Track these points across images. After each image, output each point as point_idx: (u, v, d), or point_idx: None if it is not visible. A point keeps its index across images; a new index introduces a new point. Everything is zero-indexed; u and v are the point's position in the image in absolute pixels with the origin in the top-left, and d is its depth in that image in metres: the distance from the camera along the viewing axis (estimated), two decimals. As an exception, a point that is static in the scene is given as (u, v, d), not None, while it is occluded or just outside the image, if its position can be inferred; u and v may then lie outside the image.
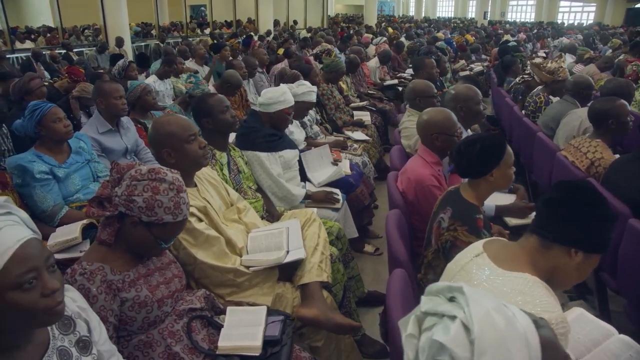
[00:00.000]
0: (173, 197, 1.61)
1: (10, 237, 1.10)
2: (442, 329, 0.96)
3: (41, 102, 2.88)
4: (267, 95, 3.28)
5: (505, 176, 2.19)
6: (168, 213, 1.61)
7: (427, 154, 2.78)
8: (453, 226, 2.14)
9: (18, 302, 1.09)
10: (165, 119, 2.19)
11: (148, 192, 1.58)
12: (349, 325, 2.21)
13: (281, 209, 3.05)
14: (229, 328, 1.85)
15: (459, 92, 3.26)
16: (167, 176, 1.63)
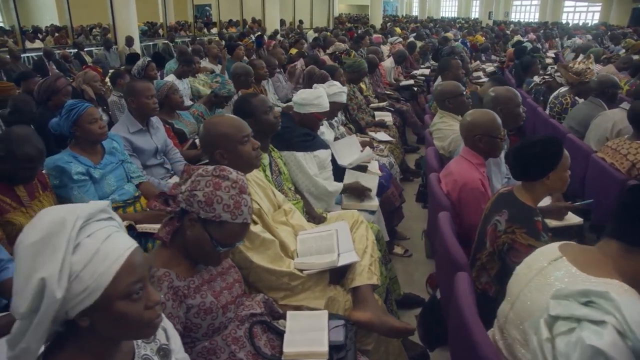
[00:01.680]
0: (234, 196, 1.54)
1: (120, 245, 1.06)
2: (592, 333, 0.93)
3: (78, 101, 2.84)
4: (301, 96, 3.25)
5: (562, 179, 2.17)
6: (227, 211, 1.53)
7: (471, 155, 2.75)
8: (511, 229, 2.11)
9: (126, 312, 1.06)
10: (218, 119, 2.15)
11: (209, 187, 1.53)
12: (404, 328, 2.18)
13: (320, 210, 3.02)
14: (292, 333, 1.82)
15: (498, 94, 3.22)
16: (231, 174, 1.58)
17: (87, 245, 1.03)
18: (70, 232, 1.01)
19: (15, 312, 1.00)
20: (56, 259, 0.98)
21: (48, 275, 0.97)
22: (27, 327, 0.99)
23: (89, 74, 4.92)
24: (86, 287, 1.00)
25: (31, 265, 0.98)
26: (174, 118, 3.95)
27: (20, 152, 2.29)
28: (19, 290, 0.99)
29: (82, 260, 1.01)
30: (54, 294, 0.97)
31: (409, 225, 4.54)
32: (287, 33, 14.94)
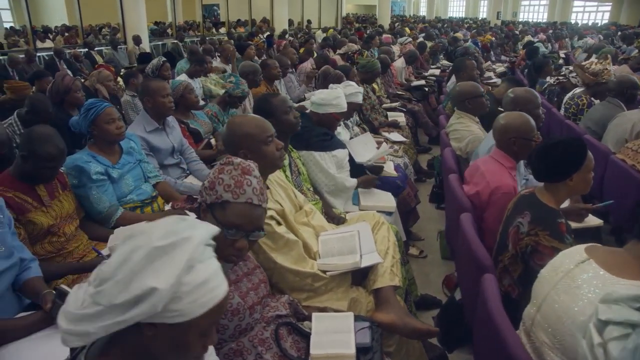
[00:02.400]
0: (235, 176, 1.51)
1: (223, 284, 1.07)
2: None
3: (97, 101, 2.84)
4: (320, 96, 3.24)
5: (585, 180, 2.16)
6: (227, 190, 1.48)
7: (504, 158, 2.72)
8: (534, 231, 2.09)
9: (191, 344, 1.06)
10: (242, 119, 2.13)
11: (214, 173, 1.53)
12: (427, 330, 2.17)
13: (337, 210, 3.00)
14: (318, 335, 1.80)
15: (518, 96, 3.20)
16: (236, 160, 1.57)
17: (200, 271, 1.02)
18: (192, 252, 1.02)
19: (105, 296, 0.98)
20: (173, 273, 0.98)
21: (161, 287, 0.96)
22: (104, 316, 0.98)
23: (103, 73, 4.94)
24: (180, 310, 1.00)
25: (146, 267, 0.98)
26: (189, 118, 3.94)
27: (42, 152, 2.29)
28: (123, 282, 0.98)
29: (191, 284, 1.00)
30: (156, 306, 0.97)
31: (423, 226, 4.52)
32: (295, 33, 14.93)
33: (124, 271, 0.98)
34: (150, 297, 0.96)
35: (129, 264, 0.98)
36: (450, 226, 3.13)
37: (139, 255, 0.99)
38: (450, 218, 3.14)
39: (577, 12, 33.28)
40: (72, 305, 1.02)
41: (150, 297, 0.96)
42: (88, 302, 1.00)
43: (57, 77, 4.40)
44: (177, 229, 1.04)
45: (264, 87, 5.24)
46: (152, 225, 1.05)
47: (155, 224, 1.06)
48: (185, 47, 12.76)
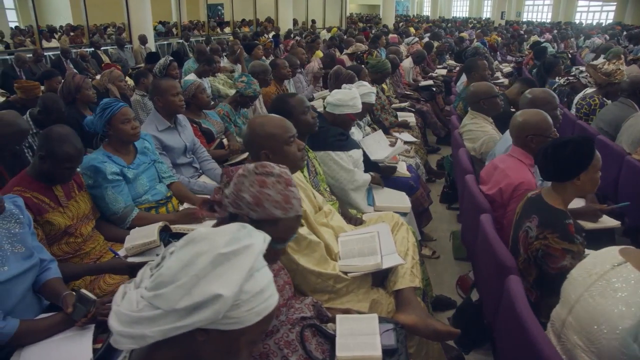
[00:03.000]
0: (281, 190, 1.47)
1: (276, 294, 1.06)
2: None
3: (113, 100, 2.82)
4: (337, 97, 3.23)
5: (593, 180, 2.15)
6: (277, 207, 1.46)
7: (523, 155, 2.71)
8: (542, 234, 2.09)
9: (241, 352, 1.06)
10: (264, 119, 2.11)
11: (255, 186, 1.45)
12: (448, 331, 2.15)
13: (353, 211, 2.99)
14: (343, 337, 1.79)
15: (536, 97, 3.18)
16: (274, 169, 1.51)
17: (258, 279, 1.02)
18: (254, 260, 1.01)
19: (165, 300, 0.97)
20: (236, 281, 0.97)
21: (226, 295, 0.95)
22: (162, 320, 0.97)
23: (115, 73, 4.93)
24: (237, 317, 0.99)
25: (211, 273, 0.97)
26: (201, 117, 3.93)
27: (60, 152, 2.27)
28: (186, 286, 0.96)
29: (250, 292, 0.99)
30: (219, 313, 0.96)
31: (435, 227, 4.50)
32: (300, 32, 14.91)
33: (187, 275, 0.97)
34: (214, 303, 0.95)
35: (193, 269, 0.97)
36: (467, 227, 3.11)
37: (204, 260, 0.98)
38: (466, 219, 3.12)
39: (582, 12, 33.22)
40: (125, 306, 1.01)
41: (214, 304, 0.95)
42: (144, 305, 0.99)
43: (68, 76, 4.39)
44: (238, 236, 1.03)
45: (274, 86, 5.22)
46: (215, 231, 1.04)
47: (217, 230, 1.05)
48: (191, 47, 12.77)
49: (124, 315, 1.00)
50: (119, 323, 1.00)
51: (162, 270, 1.01)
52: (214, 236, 1.03)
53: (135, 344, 0.99)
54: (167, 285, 0.98)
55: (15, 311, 1.89)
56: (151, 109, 4.91)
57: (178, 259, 1.01)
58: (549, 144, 2.22)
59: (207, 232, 1.05)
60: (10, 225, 1.99)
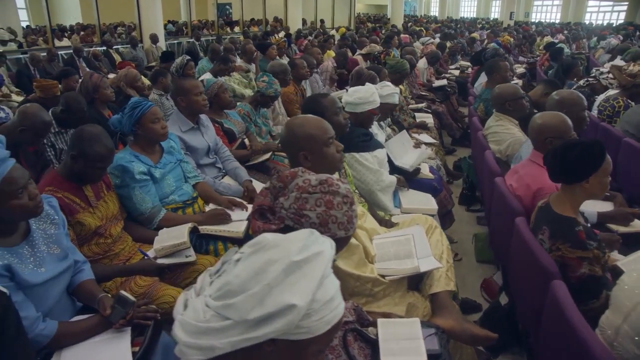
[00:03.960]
0: (347, 212, 1.46)
1: (342, 303, 1.02)
2: None
3: (142, 100, 2.81)
4: (357, 95, 3.20)
5: (602, 184, 2.13)
6: (341, 229, 1.45)
7: (542, 159, 2.68)
8: (555, 246, 2.08)
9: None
10: (302, 120, 2.08)
11: (321, 206, 1.43)
12: (485, 335, 2.12)
13: (381, 214, 2.96)
14: (387, 342, 1.75)
15: (564, 98, 3.14)
16: (340, 188, 1.47)
17: (328, 287, 0.99)
18: (325, 268, 0.99)
19: (236, 311, 0.94)
20: (309, 290, 0.94)
21: (300, 304, 0.92)
22: (232, 330, 0.94)
23: (130, 73, 4.89)
24: (307, 327, 0.96)
25: (283, 282, 0.95)
26: (223, 117, 3.90)
27: (92, 151, 2.25)
28: (258, 296, 0.94)
29: (321, 300, 0.96)
30: (292, 323, 0.93)
31: (455, 229, 4.46)
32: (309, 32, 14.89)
33: (258, 285, 0.94)
34: (287, 314, 0.92)
35: (265, 277, 0.94)
36: (497, 230, 3.07)
37: (276, 268, 0.95)
38: (496, 222, 3.08)
39: (592, 12, 33.01)
40: (190, 316, 0.98)
41: (287, 314, 0.92)
42: (211, 315, 0.96)
43: (85, 76, 4.38)
44: (309, 243, 1.00)
45: (292, 86, 5.20)
46: (285, 239, 1.01)
47: (287, 237, 1.02)
48: (202, 46, 12.77)
49: (190, 326, 0.97)
50: (185, 333, 0.97)
51: (229, 278, 0.98)
52: (285, 243, 1.00)
53: (203, 356, 0.96)
54: (237, 294, 0.95)
55: (52, 313, 1.87)
56: (169, 108, 4.91)
57: (247, 267, 0.98)
58: (559, 145, 2.19)
59: (277, 239, 1.02)
60: (46, 226, 1.98)
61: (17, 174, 1.72)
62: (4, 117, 4.37)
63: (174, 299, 2.24)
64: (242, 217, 2.91)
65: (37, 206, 1.81)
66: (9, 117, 4.40)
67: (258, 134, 4.21)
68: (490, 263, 3.83)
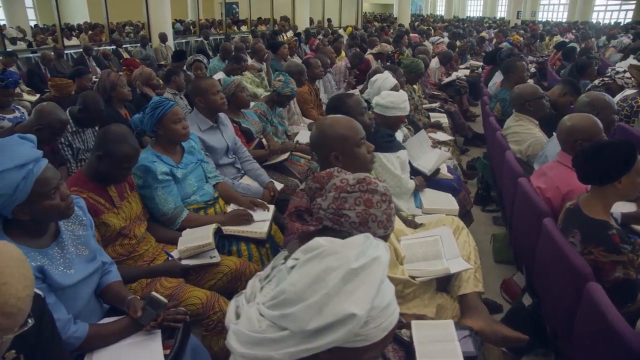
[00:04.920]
0: (386, 210, 1.44)
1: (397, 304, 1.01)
2: None
3: (163, 99, 2.79)
4: (389, 99, 3.18)
5: (634, 184, 2.10)
6: (381, 227, 1.43)
7: (570, 161, 2.65)
8: (587, 249, 2.05)
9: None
10: (333, 120, 2.06)
11: (360, 205, 1.40)
12: (516, 337, 2.10)
13: (404, 214, 2.94)
14: (422, 344, 1.74)
15: (594, 99, 3.10)
16: (378, 187, 1.45)
17: (385, 293, 0.97)
18: (382, 273, 0.97)
19: (294, 321, 0.92)
20: (369, 297, 0.92)
21: (360, 314, 0.90)
22: (290, 341, 0.93)
23: (145, 71, 4.86)
24: (365, 335, 0.94)
25: (342, 290, 0.92)
26: (240, 117, 3.88)
27: (118, 152, 2.24)
28: (316, 306, 0.91)
29: (378, 307, 0.94)
30: (352, 333, 0.91)
31: (471, 229, 4.40)
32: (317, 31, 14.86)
33: (317, 294, 0.92)
34: (347, 323, 0.90)
35: (323, 286, 0.92)
36: (521, 231, 3.04)
37: (335, 276, 0.92)
38: (519, 223, 3.05)
39: (599, 11, 32.81)
40: (245, 325, 0.96)
41: (347, 324, 0.90)
42: (267, 325, 0.94)
43: (102, 74, 4.38)
44: (365, 248, 0.98)
45: (307, 86, 5.18)
46: (342, 245, 0.99)
47: (343, 243, 1.00)
48: (210, 45, 12.76)
49: (245, 336, 0.95)
50: (240, 344, 0.96)
51: (284, 287, 0.96)
52: (344, 250, 0.97)
53: None
54: (294, 304, 0.93)
55: (81, 315, 1.86)
56: (183, 107, 4.90)
57: (304, 275, 0.95)
58: (589, 146, 2.17)
59: (334, 245, 0.99)
60: (75, 227, 1.96)
61: (50, 175, 1.71)
62: (19, 117, 4.37)
63: (201, 300, 2.23)
64: (265, 217, 2.90)
65: (68, 207, 1.79)
66: (24, 116, 4.41)
67: (274, 134, 4.19)
68: (509, 263, 3.80)
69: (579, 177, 2.21)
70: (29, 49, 11.16)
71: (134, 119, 2.84)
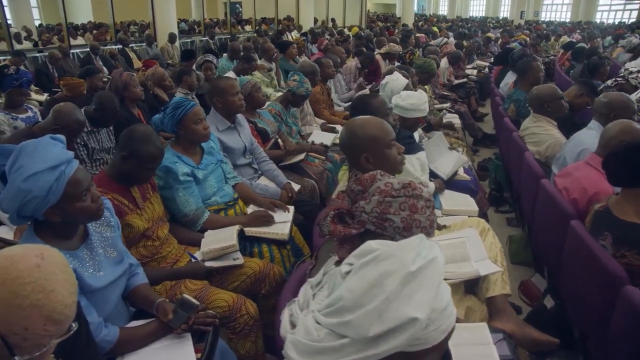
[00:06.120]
0: (429, 216, 1.42)
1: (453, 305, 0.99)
2: None
3: (184, 99, 2.76)
4: (410, 101, 3.16)
5: None
6: (424, 233, 1.40)
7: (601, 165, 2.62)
8: (620, 253, 2.03)
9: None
10: (363, 121, 2.03)
11: (405, 210, 1.38)
12: (546, 340, 2.09)
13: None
14: (457, 347, 1.71)
15: (613, 100, 3.08)
16: (422, 192, 1.43)
17: (443, 294, 0.95)
18: (439, 276, 0.94)
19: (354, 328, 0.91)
20: (428, 300, 0.91)
21: (421, 317, 0.89)
22: (351, 348, 0.91)
23: (158, 72, 4.83)
24: (424, 338, 0.92)
25: (401, 294, 0.90)
26: (256, 117, 3.86)
27: (144, 152, 2.22)
28: (376, 311, 0.90)
29: (437, 309, 0.92)
30: (413, 337, 0.89)
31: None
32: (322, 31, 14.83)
33: (376, 299, 0.90)
34: (408, 328, 0.88)
35: (382, 291, 0.90)
36: (542, 233, 3.02)
37: (393, 281, 0.90)
38: (542, 225, 3.03)
39: (602, 10, 32.71)
40: (302, 334, 0.95)
41: (408, 329, 0.88)
42: (325, 333, 0.92)
43: (115, 74, 4.36)
44: (421, 250, 0.96)
45: (319, 86, 5.16)
46: (398, 247, 0.97)
47: (399, 245, 0.98)
48: (215, 44, 12.74)
49: (304, 345, 0.94)
50: (299, 354, 0.94)
51: (341, 293, 0.94)
52: (400, 252, 0.95)
53: None
54: (353, 310, 0.91)
55: (109, 318, 1.83)
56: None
57: (361, 280, 0.93)
58: (621, 147, 2.14)
59: (390, 248, 0.97)
60: (103, 228, 1.94)
61: (81, 176, 1.69)
62: (32, 116, 4.36)
63: (227, 303, 2.20)
64: (285, 218, 2.88)
65: (99, 209, 1.77)
66: (36, 116, 4.39)
67: (288, 134, 4.17)
68: (526, 265, 3.78)
69: (609, 179, 2.18)
70: (35, 48, 11.14)
71: (154, 119, 2.82)
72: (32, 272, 1.09)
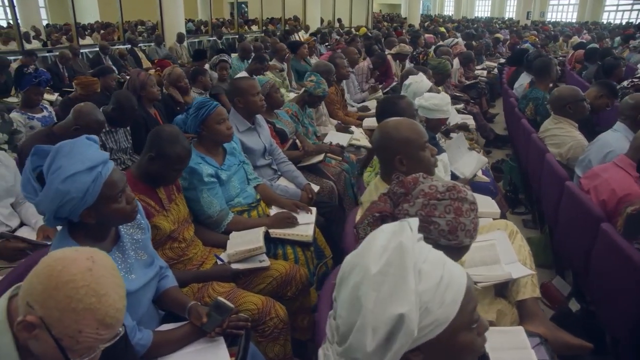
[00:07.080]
0: (474, 219, 1.41)
1: (456, 271, 0.96)
2: None
3: (207, 100, 2.74)
4: (433, 102, 3.14)
5: None
6: (468, 236, 1.40)
7: (630, 167, 2.57)
8: None
9: (467, 343, 0.95)
10: (397, 123, 2.01)
11: (450, 213, 1.38)
12: (580, 345, 2.06)
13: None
14: (495, 351, 1.68)
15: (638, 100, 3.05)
16: (467, 195, 1.42)
17: (428, 272, 0.92)
18: (413, 257, 0.92)
19: (356, 350, 0.91)
20: (408, 290, 0.89)
21: (407, 310, 0.87)
22: None
23: (175, 73, 4.80)
24: (435, 320, 0.90)
25: (379, 299, 0.90)
26: (274, 117, 3.84)
27: (172, 152, 2.20)
28: (365, 327, 0.90)
29: (428, 290, 0.91)
30: (412, 330, 0.88)
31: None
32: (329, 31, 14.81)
33: (359, 315, 0.90)
34: (401, 325, 0.87)
35: (361, 305, 0.91)
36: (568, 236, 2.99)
37: (365, 290, 0.91)
38: (567, 227, 3.00)
39: (609, 11, 32.56)
40: None
41: (401, 326, 0.87)
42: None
43: (132, 74, 4.35)
44: (382, 242, 0.95)
45: (334, 86, 5.13)
46: (357, 253, 0.98)
47: (360, 250, 0.99)
48: (223, 44, 12.73)
49: None
50: None
51: (337, 322, 0.96)
52: (360, 259, 0.95)
53: None
54: (349, 334, 0.92)
55: (141, 322, 1.81)
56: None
57: (343, 303, 0.95)
58: None
59: (352, 259, 0.98)
60: (133, 231, 1.92)
61: (117, 177, 1.67)
62: (47, 116, 4.36)
63: (256, 306, 2.18)
64: (308, 220, 2.86)
65: (133, 210, 1.75)
66: (51, 115, 4.39)
67: (305, 134, 4.16)
68: (546, 267, 3.75)
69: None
70: (45, 48, 11.14)
71: (177, 120, 2.79)
72: (85, 276, 1.08)
